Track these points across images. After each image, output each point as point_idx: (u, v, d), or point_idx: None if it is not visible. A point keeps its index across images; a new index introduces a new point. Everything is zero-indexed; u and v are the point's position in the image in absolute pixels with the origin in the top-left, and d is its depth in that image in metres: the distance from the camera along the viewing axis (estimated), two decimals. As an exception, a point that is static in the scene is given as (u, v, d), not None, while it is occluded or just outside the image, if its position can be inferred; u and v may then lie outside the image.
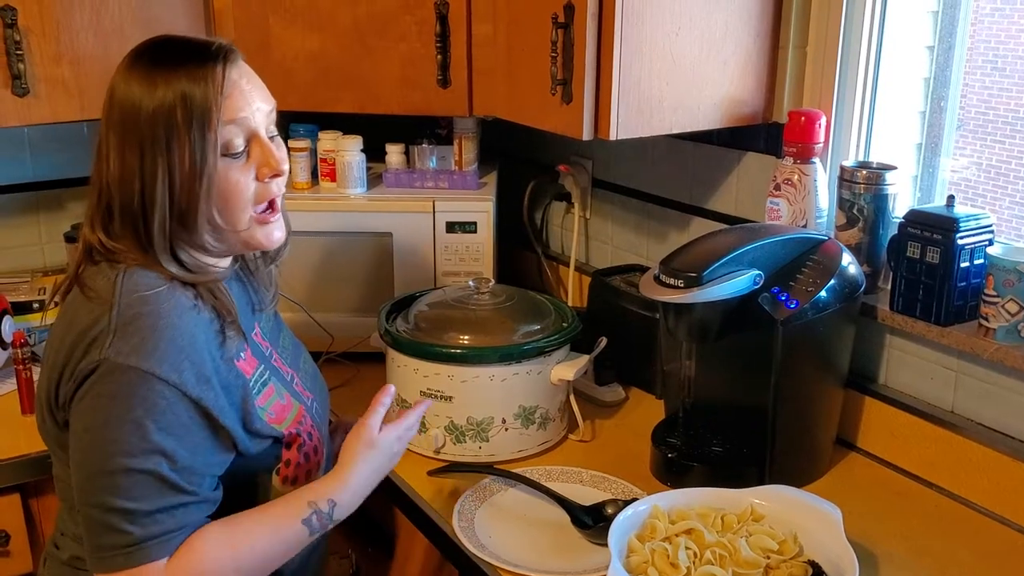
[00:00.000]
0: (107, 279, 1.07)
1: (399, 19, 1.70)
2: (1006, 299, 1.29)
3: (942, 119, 1.53)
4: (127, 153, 1.07)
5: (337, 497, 1.15)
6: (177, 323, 1.05)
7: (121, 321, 1.03)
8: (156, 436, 1.01)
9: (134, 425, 1.01)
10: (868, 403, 1.52)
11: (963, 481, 1.40)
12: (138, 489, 1.01)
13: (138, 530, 1.01)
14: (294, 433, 1.18)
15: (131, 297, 1.05)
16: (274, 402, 1.18)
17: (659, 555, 1.13)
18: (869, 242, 1.48)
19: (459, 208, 1.84)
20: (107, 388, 1.02)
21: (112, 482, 1.01)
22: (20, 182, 2.09)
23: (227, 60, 1.09)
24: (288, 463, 1.17)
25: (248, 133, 1.10)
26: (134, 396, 1.01)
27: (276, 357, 1.26)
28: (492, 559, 1.24)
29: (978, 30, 1.47)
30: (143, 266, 1.08)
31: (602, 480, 1.44)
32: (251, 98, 1.10)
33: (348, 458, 1.19)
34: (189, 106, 1.05)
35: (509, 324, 1.52)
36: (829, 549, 1.15)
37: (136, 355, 1.01)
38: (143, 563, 1.01)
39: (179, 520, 1.04)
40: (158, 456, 1.02)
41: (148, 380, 1.01)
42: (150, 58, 1.09)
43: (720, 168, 1.74)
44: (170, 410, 1.02)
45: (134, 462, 1.01)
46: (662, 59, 1.45)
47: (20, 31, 1.60)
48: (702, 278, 1.28)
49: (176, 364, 1.03)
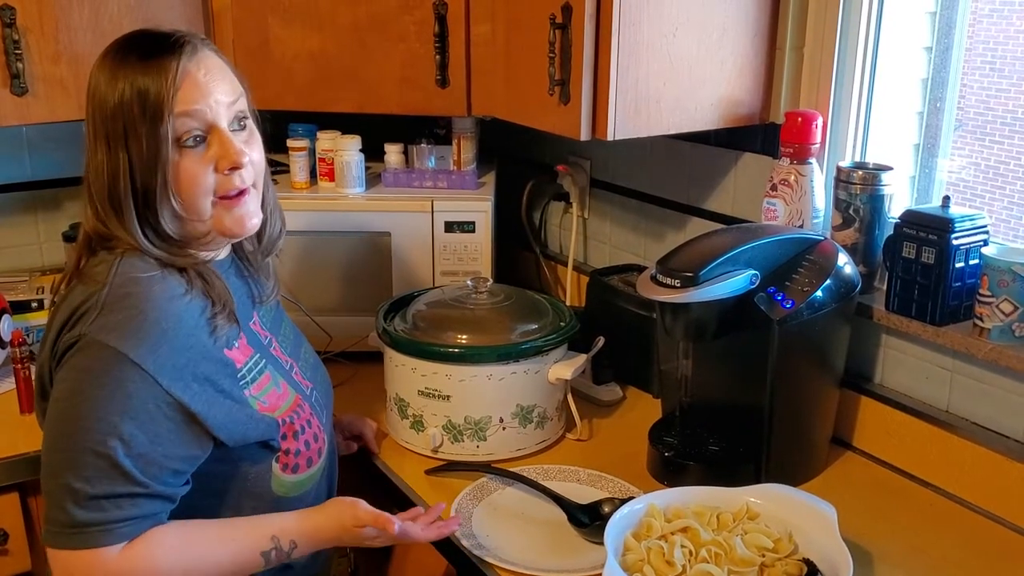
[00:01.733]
0: (105, 263, 1.10)
1: (398, 19, 1.71)
2: (1000, 299, 1.30)
3: (939, 120, 1.53)
4: (99, 145, 1.10)
5: (300, 541, 1.16)
6: (164, 307, 1.06)
7: (110, 299, 1.05)
8: (115, 418, 1.02)
9: (98, 403, 1.02)
10: (864, 402, 1.52)
11: (958, 480, 1.40)
12: (90, 470, 1.02)
13: (80, 513, 1.02)
14: (288, 421, 1.19)
15: (124, 278, 1.07)
16: (269, 391, 1.19)
17: (655, 553, 1.14)
18: (865, 242, 1.49)
19: (457, 208, 1.84)
20: (81, 362, 1.03)
21: (68, 458, 1.02)
22: (18, 181, 2.09)
23: (183, 52, 1.09)
24: (288, 451, 1.19)
25: (206, 125, 1.11)
26: (105, 375, 1.02)
27: (276, 346, 1.28)
28: (489, 558, 1.25)
29: (976, 31, 1.47)
30: (139, 253, 1.10)
31: (599, 479, 1.44)
32: (208, 89, 1.10)
33: (331, 517, 1.18)
34: (143, 99, 1.07)
35: (507, 323, 1.53)
36: (824, 547, 1.16)
37: (116, 334, 1.03)
38: (86, 547, 1.02)
39: (125, 511, 1.03)
40: (115, 439, 1.02)
41: (122, 361, 1.02)
42: (115, 53, 1.11)
43: (717, 168, 1.74)
44: (137, 395, 1.03)
45: (91, 442, 1.01)
46: (659, 60, 1.46)
47: (19, 30, 1.60)
48: (699, 278, 1.28)
49: (154, 348, 1.04)
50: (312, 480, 1.24)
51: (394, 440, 1.57)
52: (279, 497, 1.20)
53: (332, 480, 1.37)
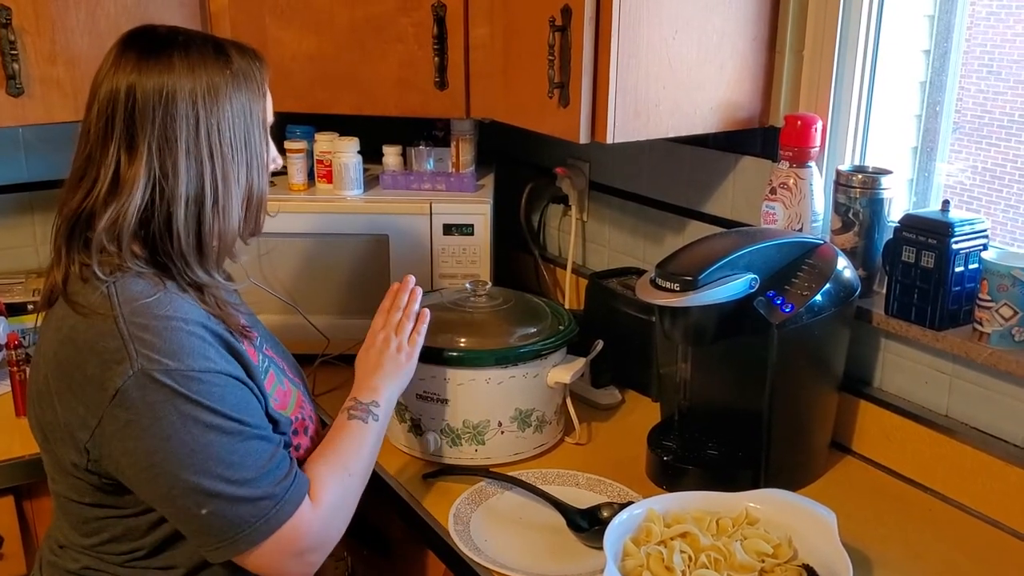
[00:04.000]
0: (97, 292, 1.07)
1: (396, 21, 1.70)
2: (1000, 304, 1.30)
3: (938, 123, 1.53)
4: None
5: (370, 396, 1.27)
6: (188, 319, 1.07)
7: (133, 331, 1.03)
8: (217, 418, 1.04)
9: (196, 417, 1.03)
10: (863, 407, 1.52)
11: (957, 485, 1.40)
12: (236, 456, 1.04)
13: (268, 487, 1.06)
14: (300, 418, 1.22)
15: (131, 307, 1.05)
16: (276, 388, 1.21)
17: (654, 559, 1.13)
18: (864, 246, 1.48)
19: (456, 210, 1.83)
20: (150, 397, 1.02)
21: (216, 471, 1.03)
22: (14, 182, 2.09)
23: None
24: (298, 447, 1.21)
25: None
26: (188, 397, 1.03)
27: (265, 346, 1.28)
28: (488, 562, 1.24)
29: (974, 34, 1.47)
30: (131, 273, 1.08)
31: (598, 483, 1.44)
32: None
33: (370, 366, 1.32)
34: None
35: (506, 327, 1.52)
36: (824, 553, 1.15)
37: (159, 361, 1.02)
38: (293, 509, 1.07)
39: (289, 461, 1.10)
40: (234, 424, 1.05)
41: (184, 376, 1.03)
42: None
43: (716, 172, 1.74)
44: (213, 391, 1.05)
45: (219, 444, 1.04)
46: (659, 63, 1.46)
47: (14, 31, 1.59)
48: (698, 282, 1.28)
49: (201, 352, 1.05)
50: None
51: (392, 444, 1.56)
52: None
53: None
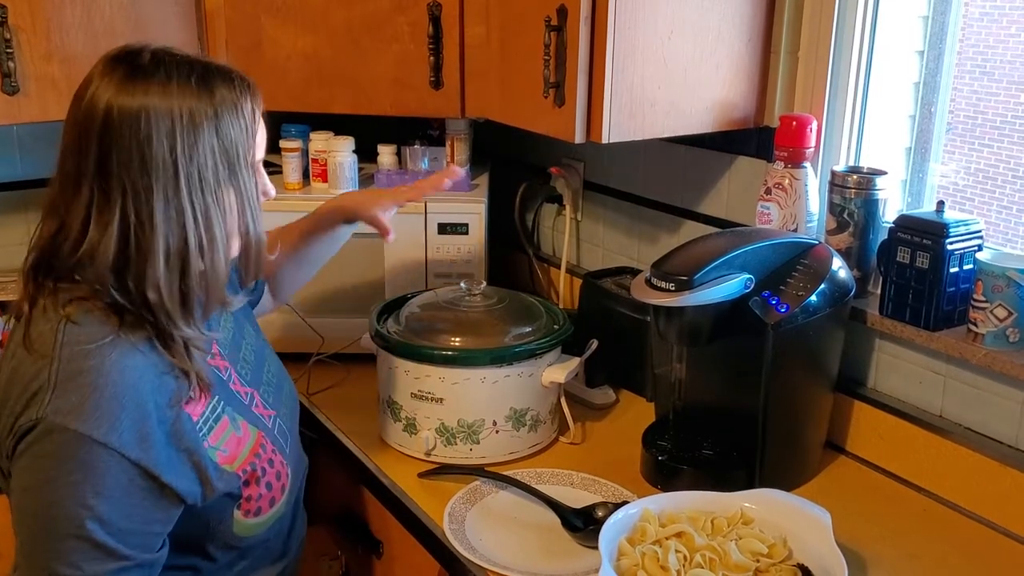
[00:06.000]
0: (49, 328, 1.03)
1: (392, 20, 1.70)
2: (994, 304, 1.30)
3: (931, 124, 1.53)
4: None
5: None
6: (119, 380, 1.01)
7: (61, 377, 1.00)
8: (90, 500, 1.00)
9: (70, 488, 0.99)
10: (857, 407, 1.52)
11: (951, 485, 1.40)
12: (75, 555, 1.00)
13: None
14: (250, 470, 1.16)
15: (71, 351, 1.02)
16: (228, 437, 1.15)
17: (649, 558, 1.13)
18: (859, 247, 1.49)
19: (451, 210, 1.83)
20: (44, 448, 1.00)
21: (50, 548, 1.01)
22: (9, 180, 2.08)
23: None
24: (249, 498, 1.17)
25: None
26: (72, 459, 0.99)
27: (235, 379, 1.23)
28: (482, 561, 1.24)
29: (967, 35, 1.48)
30: (86, 306, 1.04)
31: (592, 483, 1.44)
32: None
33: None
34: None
35: (500, 326, 1.52)
36: (818, 552, 1.16)
37: (74, 416, 0.99)
38: None
39: None
40: (93, 521, 1.00)
41: (86, 442, 0.99)
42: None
43: (711, 172, 1.74)
44: (107, 473, 1.00)
45: (70, 528, 1.00)
46: (654, 63, 1.46)
47: (10, 29, 1.59)
48: (693, 282, 1.28)
49: (116, 424, 1.00)
50: (276, 516, 1.23)
51: (386, 443, 1.56)
52: (242, 538, 1.19)
53: (299, 497, 1.35)
